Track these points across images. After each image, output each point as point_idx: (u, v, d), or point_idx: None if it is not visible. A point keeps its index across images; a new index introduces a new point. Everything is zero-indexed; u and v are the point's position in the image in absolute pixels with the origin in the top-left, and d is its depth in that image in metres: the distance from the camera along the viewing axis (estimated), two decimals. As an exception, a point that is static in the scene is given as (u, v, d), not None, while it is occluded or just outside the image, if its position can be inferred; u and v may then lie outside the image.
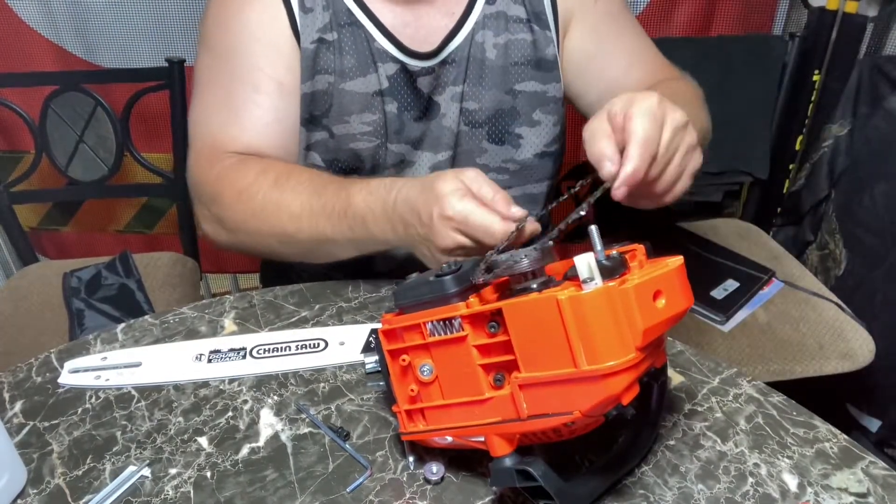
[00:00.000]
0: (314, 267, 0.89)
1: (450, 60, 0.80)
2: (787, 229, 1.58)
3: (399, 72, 0.79)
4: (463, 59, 0.80)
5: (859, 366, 1.05)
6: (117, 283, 1.22)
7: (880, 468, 0.52)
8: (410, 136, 0.82)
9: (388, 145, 0.81)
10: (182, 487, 0.53)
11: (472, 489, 0.51)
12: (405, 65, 0.79)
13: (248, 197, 0.72)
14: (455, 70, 0.80)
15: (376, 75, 0.78)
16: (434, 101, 0.81)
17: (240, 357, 0.66)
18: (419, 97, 0.80)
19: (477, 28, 0.80)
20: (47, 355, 0.68)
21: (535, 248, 0.46)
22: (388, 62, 0.78)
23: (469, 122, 0.82)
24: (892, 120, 1.29)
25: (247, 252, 0.79)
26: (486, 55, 0.80)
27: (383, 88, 0.79)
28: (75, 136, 1.37)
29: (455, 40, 0.79)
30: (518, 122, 0.83)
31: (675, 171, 0.58)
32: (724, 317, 1.11)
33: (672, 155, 0.57)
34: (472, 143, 0.83)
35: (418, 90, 0.80)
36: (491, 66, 0.81)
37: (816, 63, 1.44)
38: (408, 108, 0.80)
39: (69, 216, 1.73)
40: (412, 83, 0.80)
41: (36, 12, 1.46)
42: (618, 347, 0.41)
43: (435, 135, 0.82)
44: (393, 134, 0.81)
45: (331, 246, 0.71)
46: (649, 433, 0.53)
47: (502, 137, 0.83)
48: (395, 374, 0.51)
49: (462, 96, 0.81)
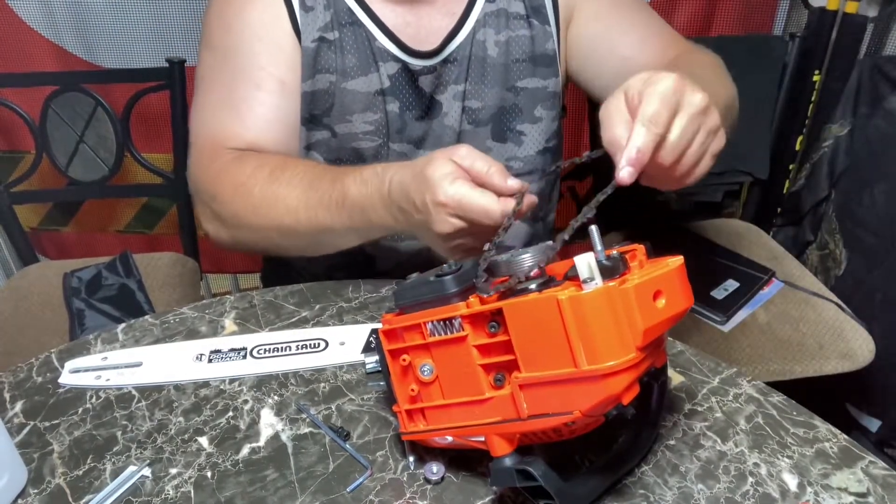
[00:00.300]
0: (315, 267, 0.89)
1: (451, 59, 0.80)
2: (787, 229, 1.58)
3: (400, 71, 0.79)
4: (464, 58, 0.80)
5: (859, 366, 1.05)
6: (117, 283, 1.22)
7: (880, 468, 0.52)
8: (412, 135, 0.82)
9: (391, 144, 0.81)
10: (182, 487, 0.53)
11: (472, 489, 0.51)
12: (407, 64, 0.79)
13: (246, 192, 0.71)
14: (457, 69, 0.80)
15: (377, 75, 0.78)
16: (436, 100, 0.81)
17: (240, 357, 0.66)
18: (421, 96, 0.80)
19: (478, 26, 0.80)
20: (48, 355, 0.68)
21: (535, 249, 0.46)
22: (390, 61, 0.78)
23: (472, 120, 0.82)
24: (892, 120, 1.29)
25: (250, 249, 0.79)
26: (488, 53, 0.80)
27: (385, 88, 0.79)
28: (75, 136, 1.37)
29: (456, 39, 0.79)
30: (520, 119, 0.83)
31: (695, 155, 0.55)
32: (724, 317, 1.11)
33: (691, 139, 0.54)
34: (476, 141, 0.83)
35: (420, 89, 0.80)
36: (493, 63, 0.81)
37: (816, 63, 1.44)
38: (410, 107, 0.80)
39: (69, 216, 1.73)
40: (414, 82, 0.80)
41: (36, 12, 1.46)
42: (618, 347, 0.41)
43: (437, 134, 0.82)
44: (395, 133, 0.81)
45: (332, 236, 0.70)
46: (649, 433, 0.53)
47: (505, 135, 0.83)
48: (396, 373, 0.51)
49: (464, 95, 0.81)
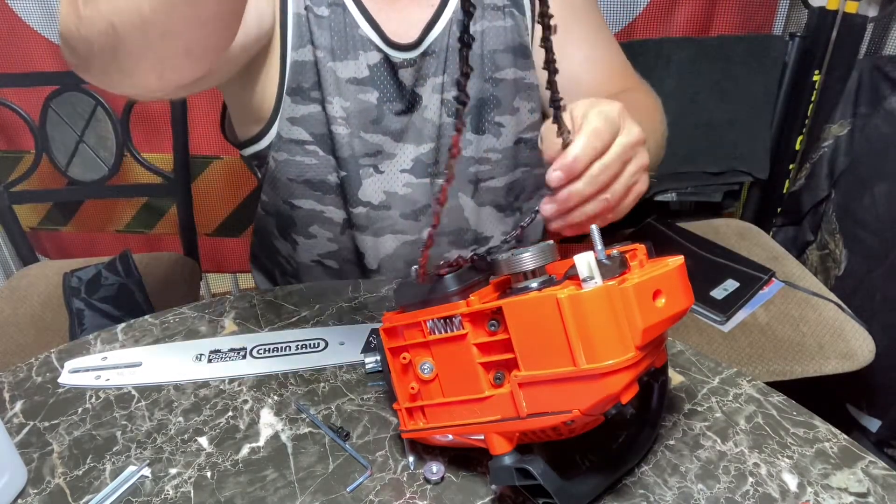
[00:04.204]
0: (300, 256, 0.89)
1: (430, 52, 0.79)
2: (787, 229, 1.58)
3: (382, 62, 0.78)
4: (442, 50, 0.79)
5: (859, 366, 1.05)
6: (117, 283, 1.22)
7: (880, 468, 0.52)
8: (390, 127, 0.81)
9: (362, 134, 0.80)
10: (182, 487, 0.53)
11: (472, 489, 0.51)
12: (388, 55, 0.78)
13: None
14: (435, 61, 0.79)
15: (356, 63, 0.77)
16: (416, 93, 0.80)
17: (240, 357, 0.66)
18: (401, 90, 0.80)
19: (455, 17, 0.79)
20: (47, 355, 0.68)
21: (536, 248, 0.46)
22: (371, 51, 0.78)
23: (451, 112, 0.81)
24: (892, 120, 1.29)
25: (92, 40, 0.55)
26: None
27: (363, 77, 0.78)
28: (75, 136, 1.37)
29: (434, 31, 0.79)
30: (499, 111, 0.82)
31: (624, 184, 0.55)
32: (724, 317, 1.11)
33: (623, 167, 0.54)
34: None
35: (400, 83, 0.79)
36: (470, 55, 0.80)
37: (816, 63, 1.44)
38: (389, 99, 0.80)
39: (69, 216, 1.73)
40: (394, 75, 0.79)
41: (36, 12, 1.46)
42: (617, 346, 0.41)
43: (417, 127, 0.81)
44: (368, 123, 0.79)
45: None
46: (649, 433, 0.53)
47: (482, 127, 0.83)
48: (396, 371, 0.51)
49: (443, 87, 0.80)
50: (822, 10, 1.41)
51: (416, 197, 0.83)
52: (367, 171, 0.81)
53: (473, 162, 0.83)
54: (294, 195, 0.83)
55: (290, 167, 0.81)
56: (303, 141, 0.80)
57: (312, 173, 0.81)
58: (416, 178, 0.82)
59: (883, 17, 1.40)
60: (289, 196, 0.84)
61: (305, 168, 0.81)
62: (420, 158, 0.82)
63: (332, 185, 0.82)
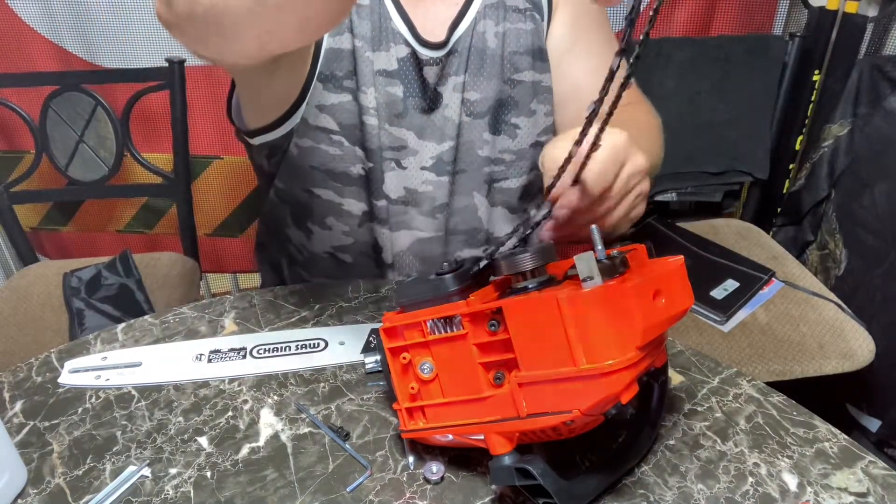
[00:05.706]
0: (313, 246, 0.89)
1: (453, 51, 0.80)
2: (787, 229, 1.58)
3: (409, 56, 0.79)
4: (465, 49, 0.80)
5: (859, 366, 1.05)
6: (117, 283, 1.22)
7: (880, 468, 0.52)
8: (413, 123, 0.81)
9: (387, 127, 0.80)
10: (182, 487, 0.53)
11: (472, 489, 0.51)
12: (416, 51, 0.79)
13: None
14: (457, 60, 0.80)
15: (387, 55, 0.78)
16: (438, 91, 0.81)
17: (240, 357, 0.66)
18: (425, 87, 0.80)
19: (479, 17, 0.80)
20: (47, 355, 0.68)
21: (536, 248, 0.46)
22: (401, 44, 0.78)
23: (470, 112, 0.82)
24: (892, 120, 1.29)
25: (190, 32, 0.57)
26: (487, 44, 0.80)
27: (392, 70, 0.78)
28: (75, 136, 1.37)
29: (458, 30, 0.80)
30: (516, 112, 0.83)
31: (624, 210, 0.60)
32: (724, 317, 1.11)
33: (626, 195, 0.59)
34: (474, 133, 0.83)
35: (424, 79, 0.80)
36: (491, 55, 0.81)
37: (816, 63, 1.44)
38: (412, 95, 0.80)
39: (69, 216, 1.73)
40: (419, 71, 0.80)
41: (36, 12, 1.46)
42: (617, 346, 0.41)
43: (438, 125, 0.82)
44: (394, 117, 0.80)
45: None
46: (649, 433, 0.53)
47: (499, 127, 0.84)
48: (396, 371, 0.51)
49: (463, 86, 0.81)
50: (822, 10, 1.41)
51: (435, 194, 0.83)
52: (389, 164, 0.81)
53: (489, 162, 0.84)
54: (315, 183, 0.83)
55: (314, 155, 0.81)
56: (329, 130, 0.79)
57: (335, 164, 0.81)
58: (435, 176, 0.83)
59: (883, 17, 1.40)
60: (309, 184, 0.84)
61: (329, 158, 0.81)
62: (440, 156, 0.83)
63: (354, 177, 0.82)
